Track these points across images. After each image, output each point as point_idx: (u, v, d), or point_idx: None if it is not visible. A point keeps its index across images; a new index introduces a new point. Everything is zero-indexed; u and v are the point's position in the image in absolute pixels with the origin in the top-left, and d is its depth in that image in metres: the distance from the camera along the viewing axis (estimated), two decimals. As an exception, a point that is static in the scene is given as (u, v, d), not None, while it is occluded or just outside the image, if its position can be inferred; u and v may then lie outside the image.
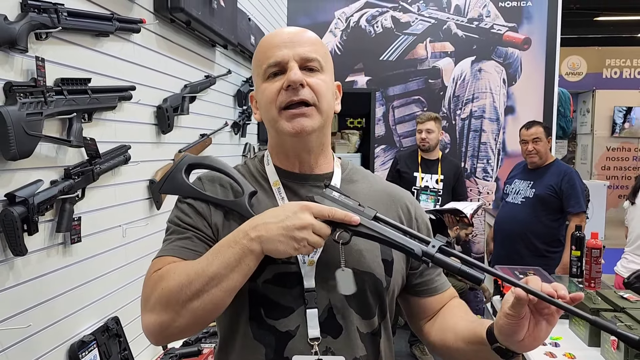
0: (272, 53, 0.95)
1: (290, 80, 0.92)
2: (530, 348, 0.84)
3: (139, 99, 1.80)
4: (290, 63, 0.94)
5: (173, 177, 1.00)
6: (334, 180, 1.03)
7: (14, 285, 1.26)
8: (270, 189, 1.00)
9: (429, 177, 3.68)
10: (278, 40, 0.96)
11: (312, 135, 0.96)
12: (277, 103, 0.94)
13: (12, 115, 1.17)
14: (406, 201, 1.09)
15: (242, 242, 0.85)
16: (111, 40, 1.66)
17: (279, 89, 0.94)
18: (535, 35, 4.52)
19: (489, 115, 4.60)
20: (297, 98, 0.93)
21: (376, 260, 0.98)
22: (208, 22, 2.26)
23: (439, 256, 0.86)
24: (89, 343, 1.52)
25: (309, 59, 0.95)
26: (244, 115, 3.12)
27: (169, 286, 0.85)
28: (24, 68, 1.28)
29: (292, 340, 0.91)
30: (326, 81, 0.97)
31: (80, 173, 1.47)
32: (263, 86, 0.97)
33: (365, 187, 1.06)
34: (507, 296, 0.83)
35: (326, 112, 0.97)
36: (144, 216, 1.93)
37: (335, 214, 0.86)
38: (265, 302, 0.93)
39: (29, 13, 1.25)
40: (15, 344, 1.25)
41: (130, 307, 1.81)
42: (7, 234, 1.20)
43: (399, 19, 4.61)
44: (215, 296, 0.84)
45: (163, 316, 0.85)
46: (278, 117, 0.95)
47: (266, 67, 0.95)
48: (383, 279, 0.98)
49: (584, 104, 8.35)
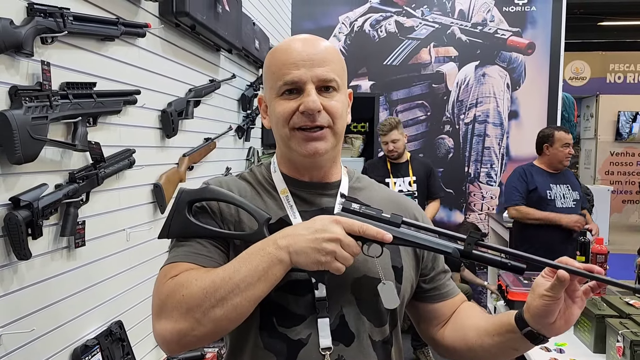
0: (289, 71, 0.92)
1: (307, 108, 0.91)
2: (562, 331, 0.87)
3: (144, 103, 1.80)
4: (307, 86, 0.92)
5: (177, 218, 0.94)
6: (341, 188, 1.02)
7: (17, 289, 1.26)
8: (278, 197, 0.99)
9: (401, 181, 3.60)
10: (296, 57, 0.93)
11: (325, 155, 0.96)
12: (291, 123, 0.93)
13: (18, 119, 1.17)
14: (413, 209, 1.09)
15: (271, 251, 0.84)
16: (116, 45, 1.66)
17: (294, 110, 0.92)
18: (539, 40, 4.52)
19: (492, 120, 4.59)
20: (312, 124, 0.92)
21: (386, 267, 0.97)
22: (213, 26, 2.27)
23: (477, 252, 0.86)
24: (93, 347, 1.51)
25: (327, 80, 0.93)
26: (248, 119, 3.12)
27: (191, 293, 0.83)
28: (30, 72, 1.28)
29: (304, 348, 0.91)
30: (342, 100, 0.96)
31: (84, 177, 1.46)
32: (277, 102, 0.95)
33: (371, 196, 1.06)
34: (539, 280, 0.87)
35: (340, 132, 0.97)
36: (148, 220, 1.93)
37: (367, 230, 0.85)
38: (278, 310, 0.92)
39: (35, 17, 1.25)
40: (18, 348, 1.25)
41: (133, 311, 1.81)
42: (12, 238, 1.19)
43: (403, 23, 4.61)
44: (240, 305, 0.82)
45: (182, 324, 0.83)
46: (291, 136, 0.94)
47: (282, 84, 0.93)
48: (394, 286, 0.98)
49: (588, 109, 8.34)
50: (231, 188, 1.00)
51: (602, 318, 1.94)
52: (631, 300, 2.09)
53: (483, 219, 4.63)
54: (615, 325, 1.82)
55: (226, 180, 1.03)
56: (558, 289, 0.83)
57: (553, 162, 3.39)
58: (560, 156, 3.37)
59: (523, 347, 0.92)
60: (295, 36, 0.99)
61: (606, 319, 1.90)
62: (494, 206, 4.63)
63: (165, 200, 2.01)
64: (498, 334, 0.94)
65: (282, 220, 0.96)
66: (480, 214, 4.65)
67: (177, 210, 0.93)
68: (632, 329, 1.77)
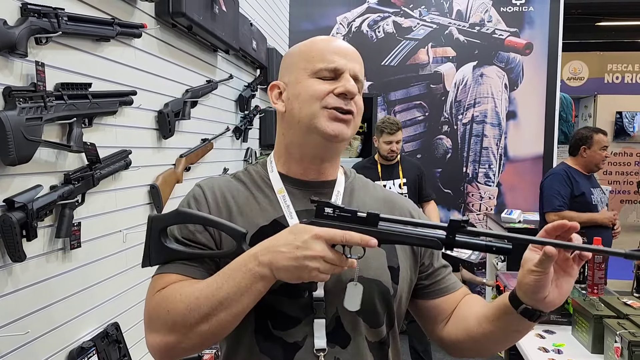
0: (332, 58, 0.96)
1: (348, 91, 0.94)
2: (557, 303, 0.85)
3: (140, 103, 1.80)
4: (346, 74, 0.96)
5: (154, 246, 0.92)
6: (337, 187, 1.02)
7: (12, 292, 1.25)
8: (274, 197, 0.99)
9: (391, 184, 3.48)
10: (338, 47, 0.98)
11: (340, 145, 0.99)
12: (324, 102, 0.95)
13: (12, 120, 1.16)
14: (409, 208, 1.09)
15: (253, 267, 0.83)
16: (112, 45, 1.65)
17: (329, 92, 0.95)
18: (537, 40, 4.52)
19: (490, 120, 4.59)
20: (346, 107, 0.95)
21: (382, 267, 0.97)
22: (210, 27, 2.26)
23: (460, 239, 0.84)
24: (89, 349, 1.50)
25: (358, 79, 0.98)
26: (246, 120, 3.12)
27: (176, 309, 0.84)
28: (24, 73, 1.27)
29: (300, 351, 0.90)
30: (361, 101, 1.01)
31: (80, 178, 1.46)
32: (310, 81, 0.96)
33: (367, 195, 1.06)
34: (528, 254, 0.85)
35: (357, 127, 1.01)
36: (145, 222, 1.92)
37: (351, 239, 0.83)
38: (272, 314, 0.91)
39: (29, 17, 1.25)
40: (13, 351, 1.24)
41: (130, 313, 1.80)
42: (6, 240, 1.19)
43: (401, 24, 4.61)
44: (224, 320, 0.83)
45: (169, 337, 0.85)
46: (320, 114, 0.94)
47: (322, 67, 0.96)
48: (390, 287, 0.97)
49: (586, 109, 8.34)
50: (223, 191, 0.99)
51: (600, 319, 1.93)
52: (629, 300, 2.09)
53: (481, 220, 4.63)
54: (613, 325, 1.81)
55: (218, 182, 1.02)
56: (546, 263, 0.81)
57: (589, 164, 3.34)
58: (597, 159, 3.33)
59: (523, 327, 0.90)
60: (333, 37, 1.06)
61: (604, 320, 1.90)
62: (492, 206, 4.63)
63: (162, 202, 2.00)
64: (497, 318, 0.92)
65: (276, 222, 0.95)
66: (478, 214, 4.65)
67: (152, 238, 0.92)
68: (630, 330, 1.76)
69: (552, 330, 2.26)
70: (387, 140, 3.38)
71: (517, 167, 4.60)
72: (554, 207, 3.26)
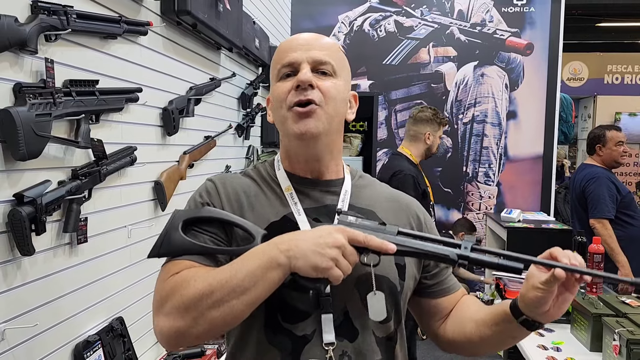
0: (287, 55, 0.97)
1: (299, 80, 0.94)
2: (556, 316, 0.89)
3: (145, 100, 1.81)
4: (302, 64, 0.96)
5: (169, 237, 0.92)
6: (345, 186, 1.03)
7: (21, 285, 1.27)
8: (282, 195, 1.00)
9: None
10: (294, 43, 0.99)
11: (318, 139, 0.96)
12: (287, 102, 0.95)
13: (22, 116, 1.18)
14: (414, 207, 1.11)
15: (270, 253, 0.83)
16: (119, 43, 1.67)
17: (290, 89, 0.95)
18: (538, 41, 4.54)
19: (491, 120, 4.61)
20: (304, 98, 0.94)
21: (390, 264, 0.99)
22: (214, 24, 2.28)
23: (474, 256, 0.87)
24: (94, 343, 1.52)
25: (322, 62, 0.96)
26: (248, 117, 3.13)
27: (189, 294, 0.83)
28: (34, 69, 1.29)
29: (309, 344, 0.91)
30: (337, 85, 0.98)
31: (87, 174, 1.47)
32: (276, 85, 0.99)
33: (374, 194, 1.08)
34: (533, 270, 0.88)
35: (332, 115, 0.96)
36: (149, 217, 1.94)
37: (371, 241, 0.85)
38: (282, 307, 0.92)
39: (39, 15, 1.26)
40: (21, 343, 1.26)
41: (134, 307, 1.82)
42: (15, 234, 1.20)
43: (402, 23, 4.62)
44: (236, 308, 0.82)
45: (179, 322, 0.84)
46: (287, 116, 0.96)
47: (280, 67, 0.98)
48: (397, 283, 0.99)
49: (585, 110, 8.37)
50: (234, 186, 1.01)
51: (598, 317, 1.96)
52: (627, 299, 2.11)
53: (481, 219, 4.65)
54: (612, 324, 1.84)
55: (230, 178, 1.03)
56: (552, 284, 0.84)
57: (608, 161, 3.35)
58: (615, 155, 3.33)
59: (520, 334, 0.95)
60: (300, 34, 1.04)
61: (603, 318, 1.92)
62: (492, 206, 4.65)
63: (166, 198, 2.02)
64: (495, 323, 0.96)
65: (286, 218, 0.97)
66: (478, 213, 4.67)
67: (172, 228, 0.92)
68: (629, 328, 1.79)
69: (551, 328, 2.28)
70: (441, 135, 3.07)
71: (517, 166, 4.62)
72: (603, 214, 3.23)
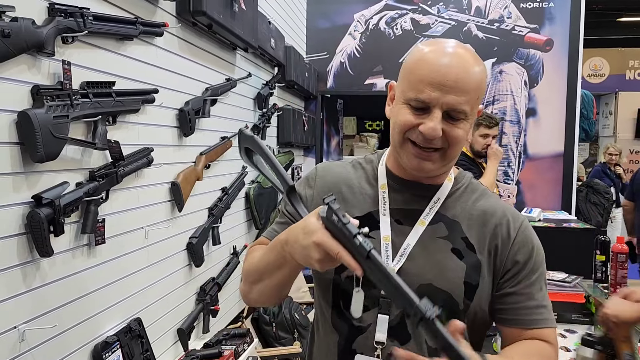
0: (424, 89, 0.90)
1: (426, 134, 0.89)
2: None
3: (162, 101, 1.82)
4: (435, 109, 0.90)
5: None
6: (439, 194, 1.00)
7: (40, 286, 1.28)
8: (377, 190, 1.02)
9: None
10: (436, 77, 0.89)
11: (430, 173, 0.97)
12: (407, 135, 0.93)
13: (40, 118, 1.19)
14: (510, 222, 0.99)
15: (280, 252, 0.90)
16: (135, 44, 1.67)
17: (414, 125, 0.91)
18: (558, 37, 4.46)
19: (510, 118, 4.55)
20: (424, 145, 0.92)
21: (457, 281, 0.95)
22: (229, 25, 2.28)
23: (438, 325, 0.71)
24: (113, 344, 1.53)
25: (457, 111, 0.90)
26: (264, 118, 3.13)
27: (246, 267, 1.03)
28: (51, 71, 1.30)
29: (362, 336, 0.95)
30: (465, 129, 0.93)
31: (104, 175, 1.48)
32: (402, 108, 0.94)
33: (468, 205, 1.01)
34: None
35: (453, 157, 0.95)
36: (166, 218, 1.94)
37: (342, 257, 0.78)
38: (345, 296, 0.97)
39: (56, 17, 1.27)
40: (41, 344, 1.27)
41: (152, 308, 1.83)
42: (34, 235, 1.21)
43: (419, 21, 4.58)
44: (267, 286, 0.97)
45: (244, 286, 1.03)
46: (403, 146, 0.94)
47: (413, 97, 0.91)
48: (461, 302, 0.94)
49: (607, 106, 8.21)
50: (335, 176, 1.06)
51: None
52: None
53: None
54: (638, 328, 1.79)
55: (335, 167, 1.09)
56: None
57: None
58: None
59: None
60: (448, 48, 0.94)
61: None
62: (512, 205, 4.58)
63: (183, 199, 2.02)
64: None
65: (370, 215, 1.00)
66: (497, 212, 4.61)
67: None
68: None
69: (573, 329, 2.23)
70: (484, 134, 3.16)
71: (537, 165, 4.55)
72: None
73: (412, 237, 0.97)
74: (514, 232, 0.98)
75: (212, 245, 2.35)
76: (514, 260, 0.97)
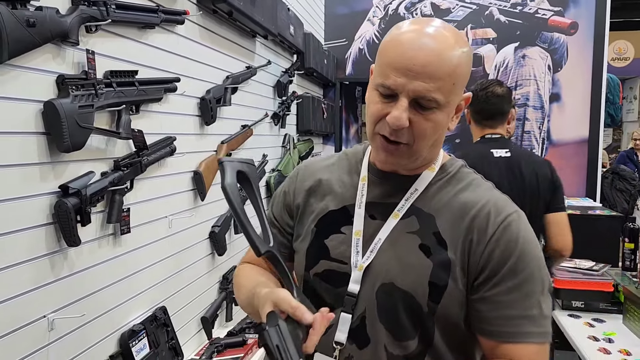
0: (390, 73, 0.83)
1: (390, 122, 0.83)
2: None
3: (183, 90, 1.81)
4: (401, 97, 0.83)
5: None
6: (416, 184, 0.93)
7: (68, 275, 1.29)
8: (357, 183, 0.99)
9: None
10: (402, 60, 0.82)
11: (399, 167, 0.93)
12: (376, 129, 0.88)
13: (65, 108, 1.19)
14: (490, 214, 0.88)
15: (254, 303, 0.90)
16: (156, 32, 1.66)
17: (383, 115, 0.85)
18: (583, 20, 4.34)
19: (532, 103, 4.45)
20: (391, 138, 0.86)
21: (421, 280, 0.87)
22: (249, 12, 2.25)
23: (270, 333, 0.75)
24: (139, 332, 1.54)
25: (425, 98, 0.82)
26: (284, 106, 3.11)
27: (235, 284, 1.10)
28: (75, 61, 1.29)
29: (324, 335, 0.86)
30: (436, 121, 0.85)
31: (129, 164, 1.48)
32: (372, 95, 0.88)
33: (449, 199, 0.92)
34: None
35: (420, 151, 0.88)
36: (189, 207, 1.95)
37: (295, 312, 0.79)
38: (312, 294, 0.94)
39: (80, 6, 1.26)
40: (69, 333, 1.28)
41: (176, 297, 1.83)
42: (62, 225, 1.22)
43: (439, 5, 4.50)
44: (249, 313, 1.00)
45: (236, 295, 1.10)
46: (373, 138, 0.90)
47: (380, 82, 0.85)
48: (424, 304, 0.86)
49: (631, 91, 8.01)
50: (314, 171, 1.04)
51: (654, 307, 1.87)
52: (685, 289, 2.01)
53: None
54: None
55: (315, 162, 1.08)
56: None
57: None
58: None
59: None
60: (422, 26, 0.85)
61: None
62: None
63: (205, 188, 2.02)
64: None
65: (344, 209, 0.97)
66: (519, 200, 4.54)
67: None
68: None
69: (601, 318, 2.19)
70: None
71: (560, 151, 4.45)
72: None
73: (383, 232, 0.91)
74: (493, 227, 0.86)
75: (234, 234, 2.35)
76: (489, 258, 0.85)
